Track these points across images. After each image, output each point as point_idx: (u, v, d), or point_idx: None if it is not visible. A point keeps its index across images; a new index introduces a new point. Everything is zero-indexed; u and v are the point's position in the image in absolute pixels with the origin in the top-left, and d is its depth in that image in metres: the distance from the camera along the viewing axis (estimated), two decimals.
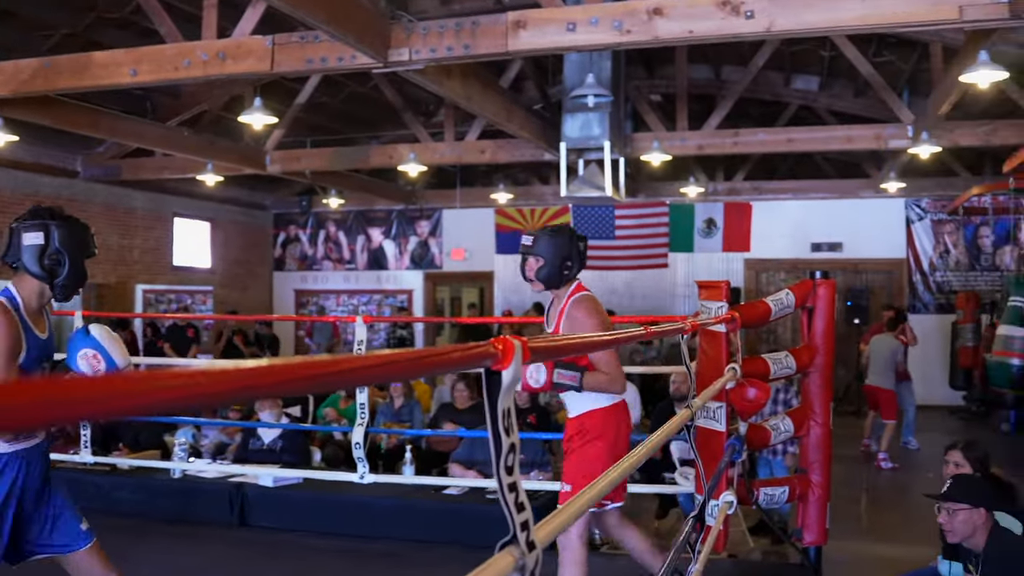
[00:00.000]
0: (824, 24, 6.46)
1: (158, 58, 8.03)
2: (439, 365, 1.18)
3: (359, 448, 6.29)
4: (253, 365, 0.82)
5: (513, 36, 7.03)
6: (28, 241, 3.59)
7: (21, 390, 0.62)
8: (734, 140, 12.29)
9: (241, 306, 17.80)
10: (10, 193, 13.41)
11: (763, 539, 7.38)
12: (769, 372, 4.96)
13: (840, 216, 16.67)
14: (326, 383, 0.98)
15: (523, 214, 18.08)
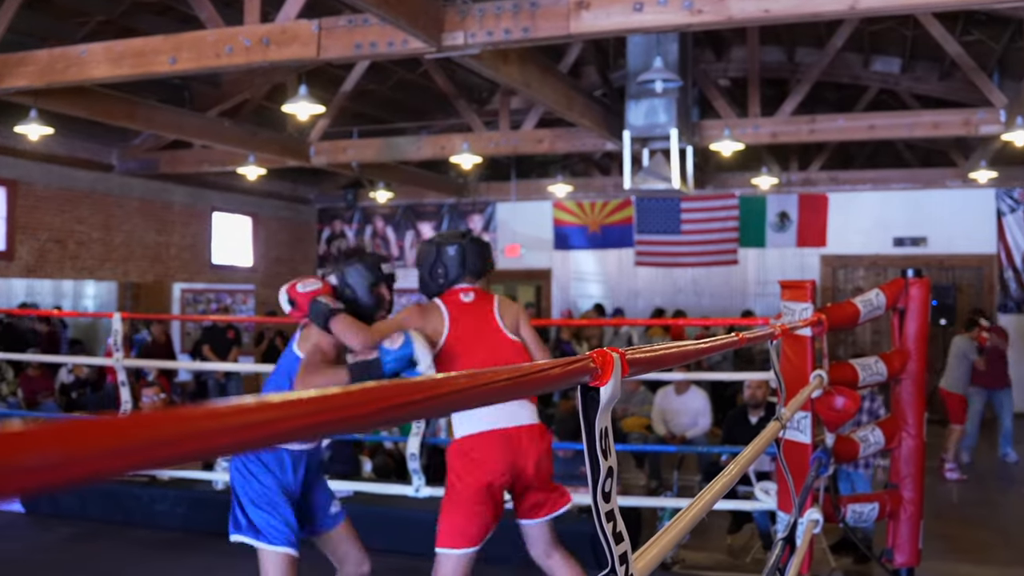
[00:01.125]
0: (914, 0, 6.33)
1: (198, 45, 8.05)
2: (540, 383, 1.13)
3: (415, 459, 6.25)
4: (344, 392, 0.77)
5: (575, 18, 6.97)
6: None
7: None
8: (810, 127, 12.12)
9: None
10: (43, 188, 13.57)
11: (845, 558, 7.27)
12: (858, 379, 4.85)
13: (924, 208, 16.42)
14: (427, 409, 0.92)
15: (583, 207, 17.97)
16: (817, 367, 4.49)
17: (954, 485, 10.35)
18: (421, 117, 15.71)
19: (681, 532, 1.70)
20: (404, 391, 0.87)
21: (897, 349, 5.19)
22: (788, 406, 3.31)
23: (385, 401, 0.82)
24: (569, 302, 18.12)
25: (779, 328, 3.21)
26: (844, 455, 4.87)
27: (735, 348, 13.00)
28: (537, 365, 1.11)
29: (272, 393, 3.47)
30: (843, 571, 7.18)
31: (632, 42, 10.53)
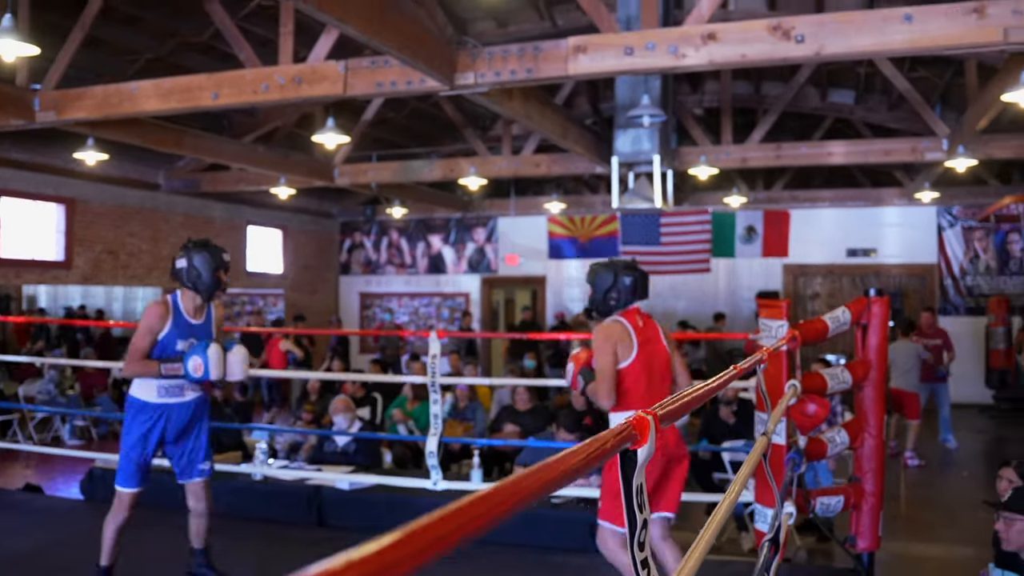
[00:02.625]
0: (872, 48, 6.29)
1: (238, 83, 8.00)
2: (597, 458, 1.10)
3: (433, 457, 6.22)
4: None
5: (573, 60, 6.93)
6: (177, 265, 4.82)
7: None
8: (776, 153, 12.12)
9: (310, 308, 17.84)
10: (99, 205, 13.52)
11: (808, 538, 7.25)
12: (827, 387, 4.82)
13: (874, 223, 16.48)
14: (530, 498, 0.91)
15: (574, 222, 18.01)
16: (791, 377, 4.46)
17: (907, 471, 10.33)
18: (432, 142, 15.68)
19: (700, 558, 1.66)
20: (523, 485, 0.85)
21: (860, 359, 5.16)
22: (772, 418, 3.27)
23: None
24: (561, 305, 18.12)
25: (766, 353, 3.18)
26: (815, 454, 4.84)
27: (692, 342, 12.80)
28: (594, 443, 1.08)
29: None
30: (807, 550, 7.15)
31: (620, 79, 10.49)
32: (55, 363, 10.70)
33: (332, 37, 7.65)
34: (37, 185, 12.56)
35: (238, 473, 7.12)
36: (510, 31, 11.67)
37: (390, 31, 6.21)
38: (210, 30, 10.23)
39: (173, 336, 4.78)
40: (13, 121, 8.77)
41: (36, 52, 6.98)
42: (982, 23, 5.92)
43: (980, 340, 14.97)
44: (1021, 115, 10.80)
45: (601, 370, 4.47)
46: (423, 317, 19.09)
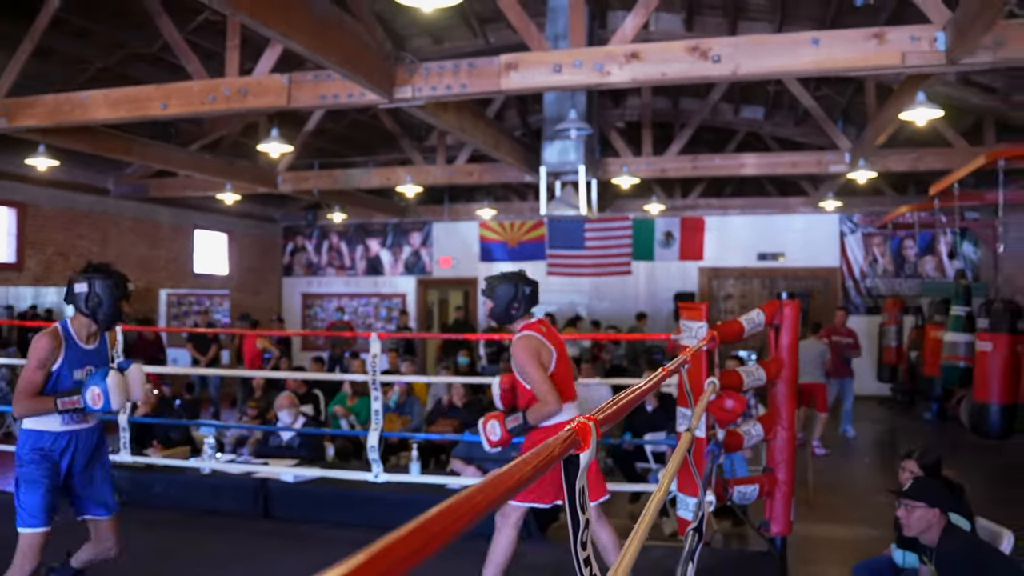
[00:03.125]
0: (783, 68, 6.37)
1: (186, 94, 7.85)
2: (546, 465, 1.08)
3: (374, 451, 6.16)
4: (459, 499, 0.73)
5: (505, 77, 6.91)
6: (77, 290, 4.27)
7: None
8: (693, 164, 12.23)
9: (254, 309, 17.57)
10: (50, 209, 13.20)
11: (724, 522, 7.31)
12: (743, 384, 4.86)
13: (782, 229, 16.73)
14: (489, 507, 0.88)
15: (504, 227, 18.02)
16: (711, 375, 4.49)
17: (814, 460, 10.47)
18: (370, 151, 15.55)
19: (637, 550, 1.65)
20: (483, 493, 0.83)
21: (774, 358, 5.22)
22: (695, 414, 3.29)
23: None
24: None
25: (689, 353, 3.20)
26: (732, 446, 4.88)
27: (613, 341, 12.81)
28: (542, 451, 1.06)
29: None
30: (723, 533, 7.21)
31: (548, 94, 10.52)
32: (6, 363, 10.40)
33: (277, 51, 7.54)
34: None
35: (187, 468, 6.98)
36: (445, 47, 11.63)
37: (332, 46, 6.14)
38: (159, 42, 10.03)
39: (66, 366, 4.19)
40: None
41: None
42: (882, 48, 6.03)
43: (875, 338, 15.27)
44: (916, 132, 11.05)
45: (537, 383, 4.39)
46: (362, 316, 18.95)
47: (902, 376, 14.53)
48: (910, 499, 4.12)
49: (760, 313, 5.07)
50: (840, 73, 6.81)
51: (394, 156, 15.35)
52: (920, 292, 15.21)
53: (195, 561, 5.19)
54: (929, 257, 16.18)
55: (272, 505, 6.59)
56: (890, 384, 14.98)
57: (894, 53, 6.04)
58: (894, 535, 4.65)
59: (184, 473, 6.92)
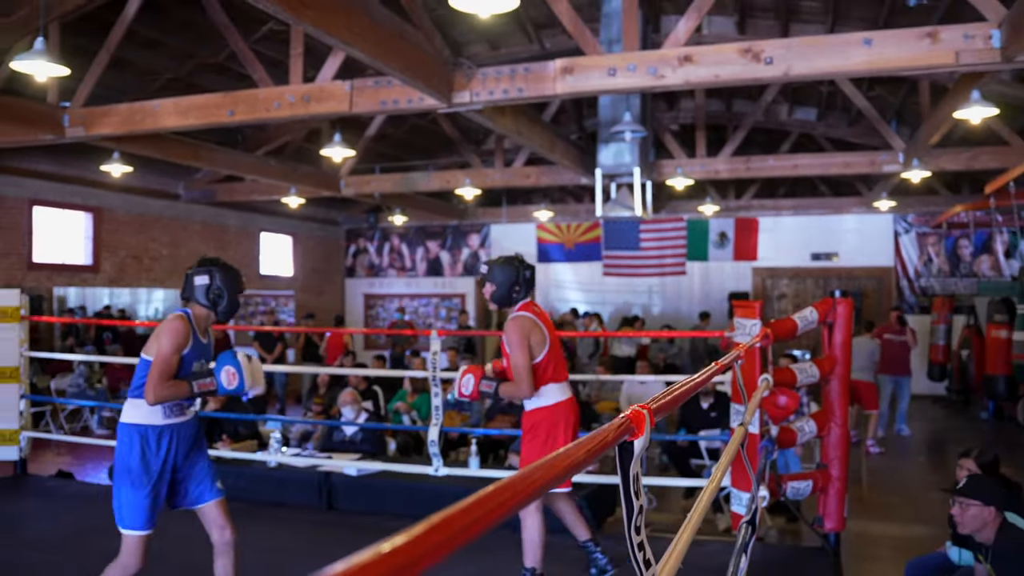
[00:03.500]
0: (835, 69, 6.30)
1: (252, 101, 7.97)
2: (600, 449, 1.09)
3: (434, 445, 6.20)
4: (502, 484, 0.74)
5: (560, 80, 6.92)
6: (198, 282, 4.07)
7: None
8: (746, 166, 12.14)
9: (318, 308, 17.78)
10: (123, 213, 13.49)
11: (778, 518, 7.24)
12: (796, 381, 4.81)
13: (835, 229, 16.53)
14: (528, 497, 0.89)
15: (561, 228, 18.04)
16: (764, 372, 4.45)
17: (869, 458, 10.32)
18: (430, 155, 15.66)
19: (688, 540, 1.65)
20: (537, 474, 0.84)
21: (827, 356, 5.16)
22: (748, 410, 3.26)
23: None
24: (549, 305, 18.11)
25: (743, 350, 3.18)
26: (785, 442, 4.83)
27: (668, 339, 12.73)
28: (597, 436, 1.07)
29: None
30: (777, 530, 7.14)
31: (603, 97, 10.49)
32: (85, 359, 10.64)
33: (339, 59, 7.63)
34: (67, 195, 12.52)
35: (254, 460, 7.08)
36: (502, 53, 11.66)
37: (393, 53, 6.20)
38: (225, 52, 10.20)
39: (192, 354, 4.01)
40: (45, 136, 8.74)
41: (66, 72, 6.93)
42: (935, 47, 5.93)
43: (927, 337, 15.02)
44: (971, 130, 10.84)
45: (519, 366, 4.44)
46: (423, 316, 19.07)
47: (952, 375, 14.27)
48: (964, 497, 4.04)
49: (813, 311, 5.02)
50: (893, 73, 6.72)
51: (453, 160, 15.45)
52: (976, 291, 14.91)
53: (264, 549, 5.27)
54: (985, 256, 15.86)
55: (335, 498, 6.65)
56: (942, 383, 14.71)
57: (948, 52, 5.94)
58: (948, 533, 4.57)
59: (251, 466, 7.01)
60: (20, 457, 7.37)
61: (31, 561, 5.34)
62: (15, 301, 7.25)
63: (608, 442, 1.12)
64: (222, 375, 4.00)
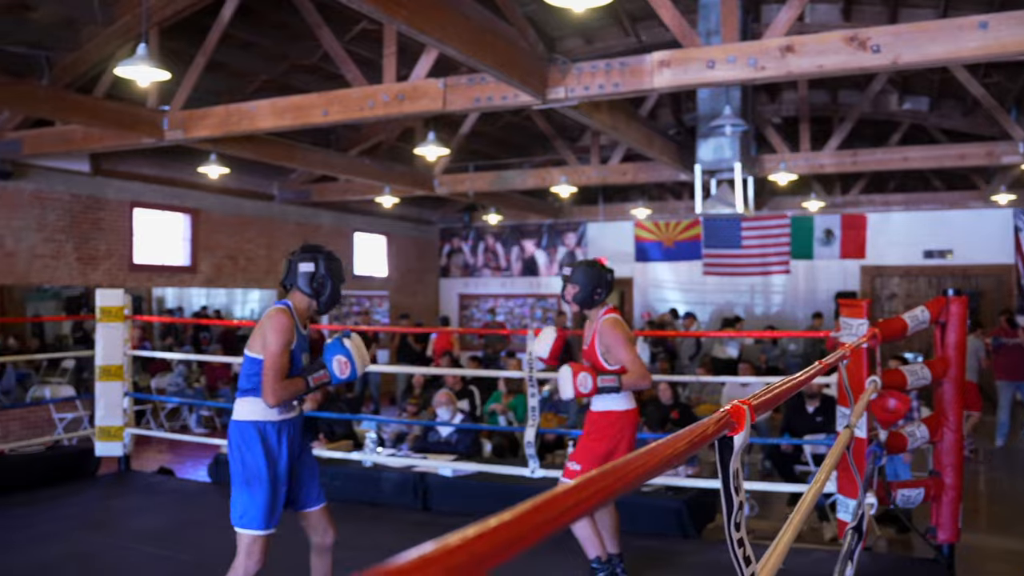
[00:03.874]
0: (947, 56, 6.12)
1: (346, 101, 8.14)
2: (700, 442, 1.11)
3: (531, 446, 6.24)
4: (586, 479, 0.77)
5: (658, 74, 6.89)
6: (303, 269, 4.03)
7: None
8: (853, 159, 11.89)
9: (412, 309, 18.01)
10: (220, 215, 13.87)
11: (887, 528, 7.10)
12: (906, 383, 4.71)
13: (949, 225, 16.02)
14: (628, 484, 0.91)
15: (659, 226, 17.93)
16: (872, 373, 4.38)
17: (981, 464, 10.03)
18: (524, 152, 15.73)
19: (788, 544, 1.65)
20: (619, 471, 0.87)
21: (939, 357, 5.04)
22: (854, 412, 3.22)
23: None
24: (648, 306, 18.03)
25: (849, 350, 3.14)
26: (895, 448, 4.74)
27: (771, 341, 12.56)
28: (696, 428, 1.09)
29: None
30: (887, 539, 7.00)
31: (702, 90, 10.40)
32: (184, 358, 11.00)
33: (432, 57, 7.73)
34: (166, 197, 12.94)
35: (349, 460, 7.23)
36: (597, 47, 11.65)
37: (486, 50, 6.26)
38: (318, 53, 10.42)
39: (299, 348, 4.00)
40: (145, 140, 9.06)
41: (168, 77, 7.16)
42: None
43: None
44: None
45: (633, 359, 4.65)
46: (518, 316, 19.15)
47: None
48: None
49: (924, 310, 4.91)
50: (1011, 58, 6.50)
51: (548, 157, 15.49)
52: None
53: (360, 548, 5.37)
54: None
55: (430, 498, 6.75)
56: None
57: None
58: None
59: (347, 466, 7.16)
60: (124, 453, 7.68)
61: (141, 554, 5.58)
62: (119, 301, 7.56)
63: (708, 435, 1.13)
64: (334, 365, 4.01)
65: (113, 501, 7.05)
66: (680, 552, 5.66)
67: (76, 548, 5.61)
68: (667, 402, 8.94)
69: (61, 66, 9.25)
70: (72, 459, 7.81)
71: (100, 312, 7.54)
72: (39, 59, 9.04)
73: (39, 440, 8.28)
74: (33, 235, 10.88)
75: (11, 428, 10.33)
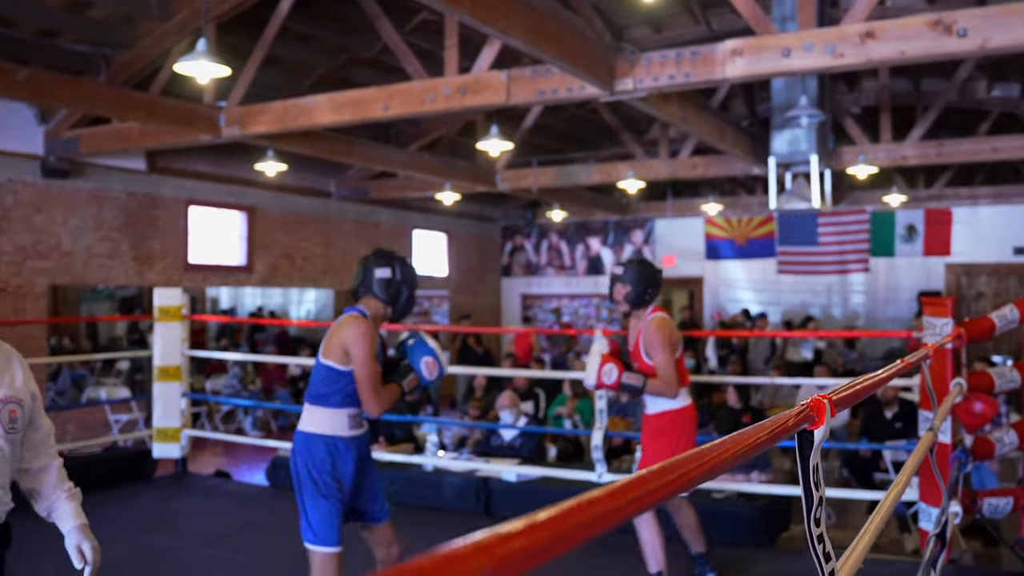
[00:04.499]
0: None
1: (407, 94, 8.24)
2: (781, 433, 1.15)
3: (598, 450, 6.28)
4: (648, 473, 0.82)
5: (730, 63, 6.88)
6: (379, 275, 4.08)
7: None
8: (938, 151, 11.73)
9: (473, 309, 18.11)
10: (276, 213, 14.09)
11: (974, 541, 7.00)
12: (994, 386, 4.66)
13: None
14: (695, 479, 0.95)
15: (731, 223, 17.79)
16: (957, 375, 4.35)
17: None
18: (589, 146, 15.74)
19: (869, 542, 1.68)
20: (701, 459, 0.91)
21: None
22: (938, 415, 3.22)
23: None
24: (719, 306, 17.93)
25: (932, 350, 3.13)
26: (981, 454, 4.69)
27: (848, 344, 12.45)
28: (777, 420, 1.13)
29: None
30: (973, 553, 6.91)
31: (776, 79, 10.34)
32: (241, 359, 11.22)
33: (495, 48, 7.79)
34: (222, 195, 13.19)
35: (410, 464, 7.32)
36: (666, 36, 11.64)
37: (551, 40, 6.31)
38: (378, 45, 10.54)
39: (380, 356, 4.10)
40: (203, 136, 9.27)
41: (228, 72, 7.31)
42: None
43: None
44: None
45: (667, 365, 4.76)
46: (583, 317, 19.16)
47: None
48: None
49: (1014, 309, 4.85)
50: None
51: (614, 151, 15.47)
52: None
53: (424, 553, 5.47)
54: None
55: (493, 503, 6.82)
56: None
57: None
58: None
59: (408, 469, 7.25)
60: (182, 455, 7.87)
61: (201, 556, 5.74)
62: (177, 300, 7.75)
63: (788, 427, 1.17)
64: (422, 367, 4.10)
65: (172, 503, 7.24)
66: (754, 561, 5.66)
67: (136, 549, 5.78)
68: (735, 405, 8.91)
69: (118, 63, 9.49)
70: (130, 461, 8.02)
71: (158, 312, 7.74)
72: (97, 56, 9.28)
73: (96, 441, 8.52)
74: (90, 234, 11.16)
75: (67, 429, 10.62)
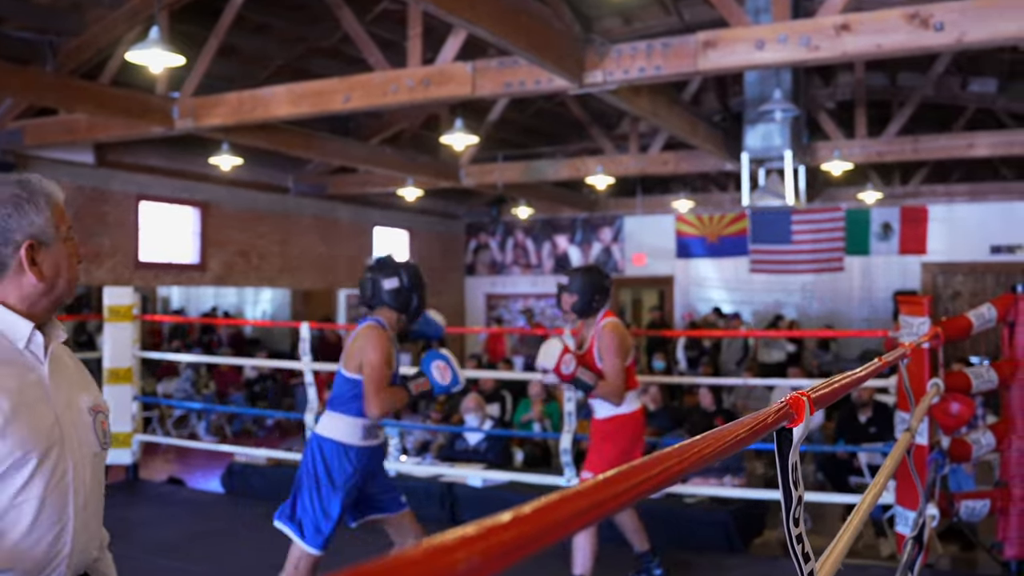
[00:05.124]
0: (1019, 33, 6.11)
1: (368, 86, 8.23)
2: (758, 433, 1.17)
3: (567, 454, 6.31)
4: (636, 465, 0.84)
5: (703, 56, 6.93)
6: (387, 286, 4.28)
7: None
8: (913, 147, 11.86)
9: (436, 309, 18.01)
10: (231, 209, 14.02)
11: (951, 545, 7.10)
12: (971, 386, 4.74)
13: (1019, 218, 15.90)
14: (680, 472, 0.97)
15: (702, 220, 17.88)
16: (934, 375, 4.42)
17: None
18: (557, 141, 15.78)
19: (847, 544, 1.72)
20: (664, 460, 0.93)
21: (1007, 359, 5.06)
22: (915, 416, 3.27)
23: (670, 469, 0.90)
24: (690, 306, 18.03)
25: (910, 349, 3.19)
26: (958, 456, 4.77)
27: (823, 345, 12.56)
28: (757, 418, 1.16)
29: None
30: (950, 557, 7.01)
31: (750, 73, 10.42)
32: (195, 360, 11.15)
33: (460, 39, 7.80)
34: (174, 190, 13.10)
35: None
36: (636, 28, 11.69)
37: (519, 31, 6.32)
38: (337, 35, 10.52)
39: (397, 364, 4.32)
40: (155, 129, 9.20)
41: (182, 62, 7.26)
42: None
43: None
44: None
45: (617, 371, 4.85)
46: (549, 318, 19.18)
47: None
48: None
49: (991, 308, 4.93)
50: None
51: (583, 146, 15.52)
52: None
53: None
54: None
55: (459, 510, 6.84)
56: None
57: None
58: None
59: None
60: (133, 462, 7.82)
61: (154, 566, 5.69)
62: (128, 300, 7.69)
63: (768, 424, 1.20)
64: (434, 371, 4.29)
65: (123, 511, 7.17)
66: (727, 567, 5.71)
67: None
68: (709, 408, 8.98)
69: (66, 51, 9.39)
70: None
71: (108, 312, 7.68)
72: (43, 44, 9.18)
73: None
74: None
75: None
